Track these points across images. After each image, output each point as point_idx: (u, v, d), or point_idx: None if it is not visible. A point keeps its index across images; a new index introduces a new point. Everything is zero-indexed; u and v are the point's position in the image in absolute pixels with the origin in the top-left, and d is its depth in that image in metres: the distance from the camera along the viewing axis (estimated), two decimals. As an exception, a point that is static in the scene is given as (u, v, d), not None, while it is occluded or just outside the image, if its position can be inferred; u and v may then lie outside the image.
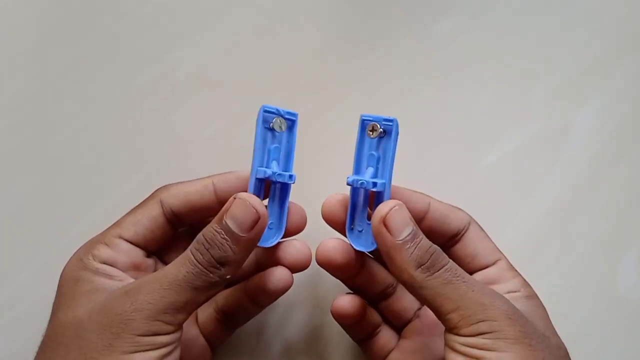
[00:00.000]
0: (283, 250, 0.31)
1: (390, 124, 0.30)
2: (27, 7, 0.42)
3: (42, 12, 0.42)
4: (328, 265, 0.31)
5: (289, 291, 0.31)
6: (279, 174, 0.30)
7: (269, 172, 0.29)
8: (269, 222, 0.30)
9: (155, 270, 0.31)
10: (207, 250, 0.27)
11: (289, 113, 0.31)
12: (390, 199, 0.30)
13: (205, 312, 0.33)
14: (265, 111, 0.30)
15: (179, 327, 0.27)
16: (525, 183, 0.40)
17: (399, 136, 0.30)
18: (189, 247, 0.27)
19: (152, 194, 0.32)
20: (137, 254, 0.31)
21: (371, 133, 0.30)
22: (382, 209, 0.28)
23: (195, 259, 0.27)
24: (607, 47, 0.43)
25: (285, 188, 0.31)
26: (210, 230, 0.27)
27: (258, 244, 0.29)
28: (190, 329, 0.32)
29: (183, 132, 0.40)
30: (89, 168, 0.39)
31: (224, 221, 0.27)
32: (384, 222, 0.28)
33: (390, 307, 0.33)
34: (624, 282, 0.38)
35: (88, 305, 0.27)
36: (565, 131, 0.41)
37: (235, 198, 0.28)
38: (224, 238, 0.27)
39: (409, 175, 0.40)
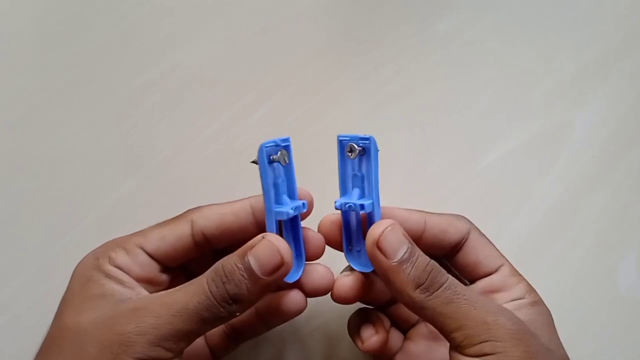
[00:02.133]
0: (306, 275, 0.30)
1: (367, 142, 0.29)
2: (27, 7, 0.42)
3: (42, 13, 0.42)
4: (344, 302, 0.30)
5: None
6: (296, 207, 0.29)
7: (290, 212, 0.28)
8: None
9: (166, 288, 0.29)
10: (223, 283, 0.26)
11: (283, 140, 0.29)
12: (382, 217, 0.29)
13: None
14: (266, 147, 0.28)
15: (178, 354, 0.26)
16: (525, 183, 0.40)
17: (379, 153, 0.29)
18: (205, 276, 0.26)
19: (184, 213, 0.30)
20: (153, 268, 0.30)
21: (350, 154, 0.29)
22: (374, 231, 0.27)
23: (210, 291, 0.26)
24: (607, 48, 0.43)
25: (295, 216, 0.30)
26: (231, 263, 0.26)
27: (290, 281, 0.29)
28: (198, 340, 0.31)
29: (183, 132, 0.40)
30: (89, 169, 0.39)
31: (246, 258, 0.26)
32: (378, 245, 0.27)
33: (396, 311, 0.33)
34: (624, 281, 0.38)
35: (93, 313, 0.26)
36: (565, 131, 0.41)
37: (263, 237, 0.27)
38: (242, 275, 0.26)
39: (409, 176, 0.40)
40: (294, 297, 0.30)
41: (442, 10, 0.43)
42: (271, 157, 0.28)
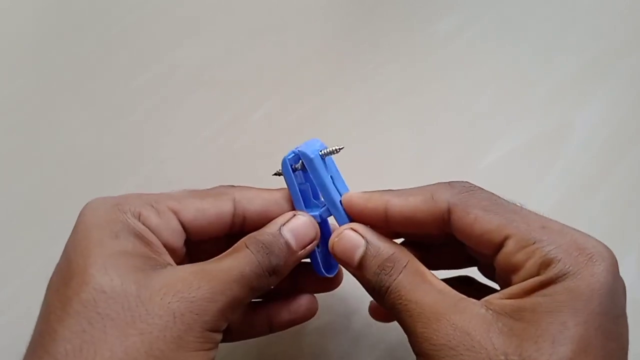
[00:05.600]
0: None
1: (295, 155, 0.29)
2: (27, 7, 0.42)
3: (43, 13, 0.42)
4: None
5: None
6: (324, 210, 0.29)
7: (317, 215, 0.29)
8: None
9: (182, 262, 0.27)
10: (267, 254, 0.25)
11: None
12: (347, 216, 0.28)
13: None
14: (288, 158, 0.29)
15: (226, 326, 0.24)
16: (525, 183, 0.40)
17: (317, 162, 0.29)
18: (244, 248, 0.25)
19: (219, 188, 0.29)
20: (181, 238, 0.27)
21: (295, 170, 0.29)
22: (331, 240, 0.27)
23: (258, 260, 0.25)
24: (607, 48, 0.43)
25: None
26: (268, 236, 0.26)
27: (325, 274, 0.30)
28: None
29: (183, 132, 0.40)
30: (89, 168, 0.39)
31: (282, 232, 0.26)
32: (335, 255, 0.27)
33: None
34: (624, 282, 0.38)
35: (134, 274, 0.22)
36: (565, 131, 0.41)
37: (295, 214, 0.27)
38: (281, 248, 0.26)
39: (409, 176, 0.40)
40: (308, 301, 0.30)
41: (442, 10, 0.43)
42: (293, 166, 0.29)
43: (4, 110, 0.40)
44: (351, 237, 0.27)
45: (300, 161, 0.29)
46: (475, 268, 0.30)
